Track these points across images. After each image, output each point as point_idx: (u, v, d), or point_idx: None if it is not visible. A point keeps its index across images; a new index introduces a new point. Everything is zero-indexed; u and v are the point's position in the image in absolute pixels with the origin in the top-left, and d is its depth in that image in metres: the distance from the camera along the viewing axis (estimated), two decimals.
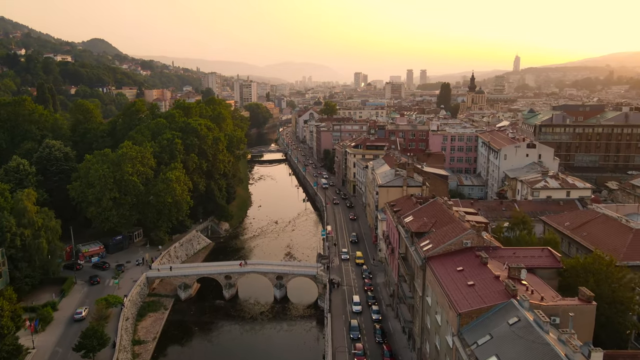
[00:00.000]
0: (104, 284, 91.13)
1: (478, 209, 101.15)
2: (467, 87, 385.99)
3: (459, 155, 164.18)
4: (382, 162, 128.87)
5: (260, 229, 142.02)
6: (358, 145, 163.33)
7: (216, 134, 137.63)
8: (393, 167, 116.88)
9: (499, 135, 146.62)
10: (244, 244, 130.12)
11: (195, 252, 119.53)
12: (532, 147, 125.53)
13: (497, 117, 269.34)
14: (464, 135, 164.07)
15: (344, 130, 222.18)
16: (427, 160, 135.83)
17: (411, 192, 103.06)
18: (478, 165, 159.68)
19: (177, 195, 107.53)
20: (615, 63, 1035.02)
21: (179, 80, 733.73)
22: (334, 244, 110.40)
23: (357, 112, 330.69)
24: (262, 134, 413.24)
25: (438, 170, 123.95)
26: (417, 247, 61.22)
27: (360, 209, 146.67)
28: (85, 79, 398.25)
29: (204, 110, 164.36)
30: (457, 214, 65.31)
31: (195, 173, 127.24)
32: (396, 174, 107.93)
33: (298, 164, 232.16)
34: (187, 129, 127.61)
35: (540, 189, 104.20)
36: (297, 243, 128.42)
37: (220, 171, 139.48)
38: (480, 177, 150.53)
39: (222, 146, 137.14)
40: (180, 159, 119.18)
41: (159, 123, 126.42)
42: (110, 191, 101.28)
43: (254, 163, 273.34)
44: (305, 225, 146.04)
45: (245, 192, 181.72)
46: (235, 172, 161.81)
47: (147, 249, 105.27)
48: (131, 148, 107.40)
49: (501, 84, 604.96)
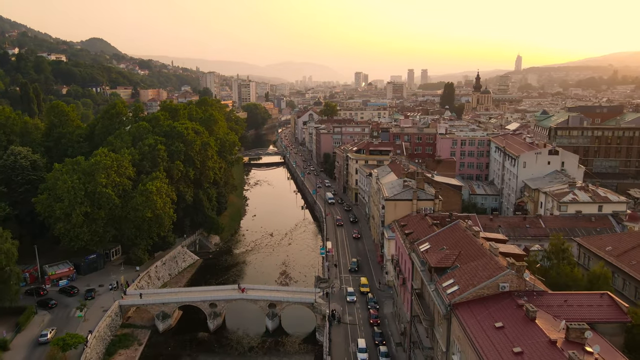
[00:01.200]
0: (68, 314, 78.95)
1: (498, 225, 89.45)
2: (472, 86, 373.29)
3: (469, 161, 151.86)
4: (387, 170, 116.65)
5: (254, 243, 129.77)
6: (360, 150, 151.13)
7: (205, 139, 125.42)
8: (400, 176, 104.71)
9: (515, 139, 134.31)
10: (235, 261, 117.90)
11: (180, 270, 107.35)
12: (554, 153, 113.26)
13: (505, 118, 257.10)
14: (475, 139, 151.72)
15: (345, 133, 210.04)
16: (437, 167, 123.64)
17: (421, 206, 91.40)
18: (490, 171, 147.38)
19: (158, 209, 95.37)
20: (618, 63, 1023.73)
21: (177, 80, 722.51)
22: (335, 264, 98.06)
23: (358, 113, 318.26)
24: (260, 135, 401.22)
25: (450, 180, 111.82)
26: (438, 288, 48.99)
27: (363, 220, 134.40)
28: (78, 78, 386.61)
29: (194, 112, 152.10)
30: (486, 243, 53.09)
31: (181, 182, 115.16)
32: (405, 185, 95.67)
33: (297, 168, 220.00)
34: (172, 134, 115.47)
35: (569, 202, 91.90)
36: (293, 260, 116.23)
37: (210, 179, 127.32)
38: (493, 186, 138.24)
39: (212, 152, 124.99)
40: (164, 167, 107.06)
41: (141, 127, 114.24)
42: (81, 205, 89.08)
43: (250, 166, 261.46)
44: (303, 238, 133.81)
45: (239, 200, 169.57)
46: (227, 179, 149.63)
47: (121, 271, 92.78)
48: (106, 156, 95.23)
49: (505, 83, 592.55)
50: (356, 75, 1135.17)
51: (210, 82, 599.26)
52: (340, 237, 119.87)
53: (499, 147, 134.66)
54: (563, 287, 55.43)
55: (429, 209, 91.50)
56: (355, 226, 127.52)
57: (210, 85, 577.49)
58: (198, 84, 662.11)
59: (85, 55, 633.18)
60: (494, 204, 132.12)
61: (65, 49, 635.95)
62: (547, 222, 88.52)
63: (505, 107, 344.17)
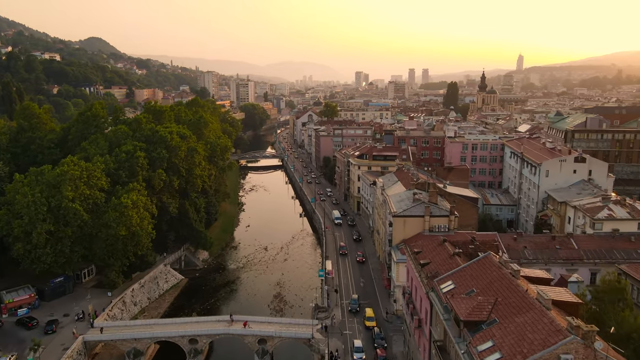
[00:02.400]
0: (22, 354, 67.11)
1: (524, 247, 77.63)
2: (478, 86, 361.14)
3: (481, 167, 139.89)
4: (394, 179, 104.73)
5: (246, 258, 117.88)
6: (363, 155, 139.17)
7: (193, 144, 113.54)
8: (409, 187, 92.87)
9: (533, 144, 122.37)
10: (224, 279, 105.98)
11: (161, 293, 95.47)
12: (581, 161, 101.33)
13: (513, 119, 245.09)
14: (487, 144, 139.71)
15: (346, 135, 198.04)
16: (448, 175, 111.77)
17: (435, 223, 79.66)
18: (504, 179, 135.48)
19: (134, 226, 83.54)
20: (620, 62, 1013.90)
21: (175, 80, 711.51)
22: (335, 289, 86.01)
23: (359, 114, 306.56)
24: (258, 136, 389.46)
25: (464, 190, 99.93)
26: (472, 352, 37.11)
27: (366, 234, 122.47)
28: (71, 78, 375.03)
29: (182, 113, 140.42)
30: (531, 288, 41.26)
31: (165, 192, 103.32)
32: (415, 199, 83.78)
33: (295, 172, 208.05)
34: (153, 139, 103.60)
35: (604, 219, 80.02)
36: (289, 279, 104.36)
37: (198, 188, 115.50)
38: (509, 194, 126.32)
39: (200, 158, 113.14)
40: (143, 176, 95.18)
41: (119, 131, 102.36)
42: (43, 223, 77.27)
43: (247, 170, 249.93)
44: (301, 253, 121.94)
45: (232, 208, 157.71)
46: (219, 186, 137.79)
47: (87, 300, 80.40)
48: (75, 165, 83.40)
49: (509, 83, 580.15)
50: (357, 75, 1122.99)
51: (208, 81, 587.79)
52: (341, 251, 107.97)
53: (515, 152, 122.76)
54: (624, 341, 43.76)
55: (443, 227, 79.97)
56: (359, 246, 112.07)
57: (208, 85, 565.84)
58: (197, 83, 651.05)
59: (82, 54, 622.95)
60: (510, 215, 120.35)
61: (61, 48, 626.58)
62: (580, 243, 76.57)
63: (512, 107, 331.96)
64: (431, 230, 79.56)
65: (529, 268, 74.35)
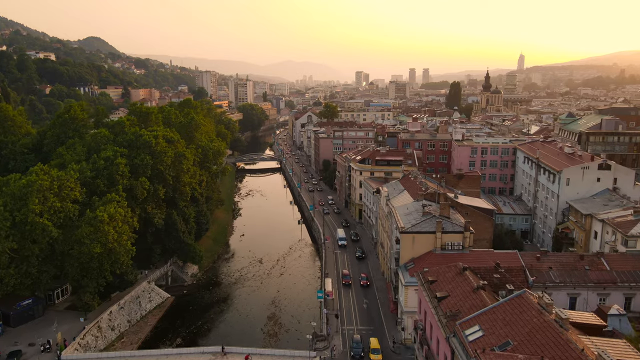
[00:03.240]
0: None
1: (549, 267, 68.76)
2: (482, 86, 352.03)
3: (491, 172, 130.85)
4: (400, 188, 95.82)
5: (239, 273, 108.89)
6: (365, 160, 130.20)
7: (181, 148, 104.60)
8: (417, 197, 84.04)
9: (549, 149, 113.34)
10: (214, 297, 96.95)
11: (143, 314, 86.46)
12: (605, 168, 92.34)
13: (520, 120, 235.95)
14: (498, 147, 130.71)
15: (347, 137, 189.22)
16: (459, 183, 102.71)
17: (447, 240, 70.91)
18: (516, 185, 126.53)
19: (110, 242, 74.64)
20: (622, 62, 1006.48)
21: (174, 80, 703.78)
22: (336, 314, 76.93)
23: (360, 115, 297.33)
24: (256, 137, 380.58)
25: (478, 202, 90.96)
26: None
27: (369, 245, 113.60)
28: (65, 77, 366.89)
29: (172, 115, 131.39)
30: (579, 339, 32.36)
31: (149, 202, 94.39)
32: (425, 212, 74.95)
33: (293, 176, 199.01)
34: (137, 144, 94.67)
35: (638, 236, 71.18)
36: (285, 297, 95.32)
37: (187, 196, 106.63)
38: (522, 202, 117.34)
39: (189, 164, 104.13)
40: (124, 185, 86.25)
41: (99, 136, 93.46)
42: (6, 240, 68.50)
43: (244, 173, 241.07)
44: (298, 266, 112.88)
45: (226, 216, 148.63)
46: (211, 193, 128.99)
47: (54, 330, 71.21)
48: (45, 174, 74.56)
49: (512, 82, 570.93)
50: (357, 75, 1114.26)
51: (207, 81, 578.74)
52: (342, 267, 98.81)
53: (530, 157, 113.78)
54: None
55: (456, 244, 71.16)
56: (363, 266, 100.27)
57: (206, 85, 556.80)
58: (196, 83, 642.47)
59: (80, 54, 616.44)
60: (525, 225, 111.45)
61: (58, 47, 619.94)
62: (612, 263, 67.75)
63: (517, 108, 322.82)
64: (443, 248, 70.94)
65: (556, 290, 66.51)
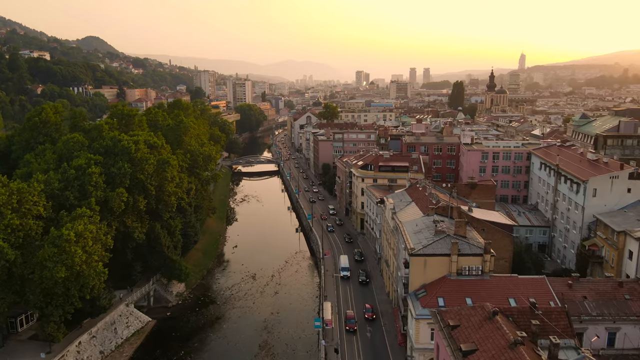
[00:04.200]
0: None
1: (583, 297, 59.36)
2: (487, 85, 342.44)
3: (503, 179, 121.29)
4: (406, 199, 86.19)
5: (230, 291, 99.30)
6: (367, 166, 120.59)
7: (166, 155, 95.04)
8: (427, 211, 74.52)
9: (568, 154, 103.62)
10: (201, 321, 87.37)
11: (119, 343, 76.99)
12: (636, 178, 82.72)
13: (528, 121, 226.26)
14: (511, 152, 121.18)
15: (347, 140, 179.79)
16: (472, 193, 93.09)
17: (464, 264, 61.43)
18: (531, 193, 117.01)
19: (77, 265, 65.16)
20: (624, 61, 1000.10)
21: (173, 79, 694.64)
22: (336, 349, 67.12)
23: (361, 115, 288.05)
24: (254, 138, 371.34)
25: (494, 215, 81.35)
26: None
27: (371, 260, 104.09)
28: (58, 77, 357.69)
29: (159, 117, 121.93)
30: None
31: (128, 215, 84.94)
32: (437, 231, 65.42)
33: (291, 180, 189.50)
34: (114, 150, 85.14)
35: None
36: (279, 320, 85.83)
37: (172, 207, 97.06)
38: (538, 212, 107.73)
39: (174, 172, 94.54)
40: (98, 197, 76.75)
41: (72, 141, 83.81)
42: None
43: (241, 176, 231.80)
44: (295, 282, 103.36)
45: (218, 224, 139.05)
46: (201, 201, 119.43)
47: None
48: (2, 187, 65.15)
49: (516, 82, 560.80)
50: (357, 74, 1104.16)
51: (205, 81, 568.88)
52: (343, 292, 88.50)
53: (547, 164, 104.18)
54: None
55: (475, 269, 61.65)
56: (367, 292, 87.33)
57: (204, 85, 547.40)
58: (194, 83, 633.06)
59: (77, 53, 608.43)
60: (542, 238, 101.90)
61: (55, 46, 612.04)
62: None
63: (523, 108, 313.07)
64: (460, 273, 61.41)
65: (593, 324, 57.14)
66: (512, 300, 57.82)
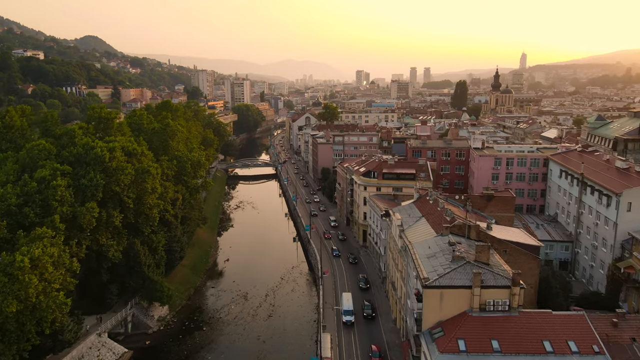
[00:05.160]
0: None
1: (631, 338, 49.76)
2: (491, 85, 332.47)
3: (517, 187, 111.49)
4: (416, 215, 76.41)
5: (219, 313, 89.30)
6: (370, 173, 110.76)
7: (147, 163, 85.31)
8: (440, 229, 64.79)
9: (593, 161, 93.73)
10: (183, 352, 77.34)
11: None
12: None
13: (537, 123, 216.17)
14: (526, 158, 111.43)
15: (348, 143, 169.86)
16: (488, 206, 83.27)
17: (488, 297, 51.84)
18: (549, 202, 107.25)
19: (32, 297, 55.51)
20: (625, 60, 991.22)
21: (171, 79, 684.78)
22: None
23: (362, 116, 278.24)
24: (252, 139, 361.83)
25: (518, 234, 71.56)
26: None
27: (373, 276, 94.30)
28: (50, 77, 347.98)
29: (144, 121, 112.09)
30: None
31: (103, 232, 75.29)
32: (455, 257, 55.68)
33: (289, 186, 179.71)
34: (86, 159, 75.39)
35: None
36: (273, 350, 76.00)
37: (154, 221, 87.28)
38: (558, 225, 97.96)
39: (155, 182, 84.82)
40: (64, 213, 67.07)
41: (36, 149, 73.92)
42: None
43: (237, 180, 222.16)
44: (290, 304, 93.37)
45: (210, 235, 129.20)
46: (189, 212, 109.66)
47: None
48: None
49: (519, 81, 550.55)
50: (357, 74, 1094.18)
51: (203, 80, 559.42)
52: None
53: (570, 172, 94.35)
54: None
55: (501, 303, 51.98)
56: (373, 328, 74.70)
57: (202, 85, 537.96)
58: (192, 83, 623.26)
59: (74, 52, 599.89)
60: (564, 255, 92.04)
61: (51, 45, 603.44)
62: None
63: (529, 108, 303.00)
64: (483, 309, 51.73)
65: None
66: (548, 344, 48.46)
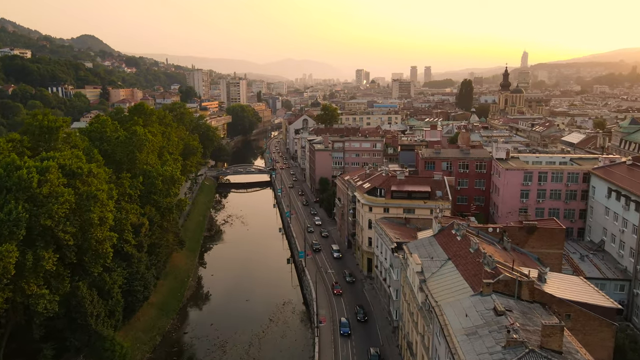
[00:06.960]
0: None
1: None
2: (500, 84, 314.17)
3: (552, 206, 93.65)
4: (440, 256, 58.08)
5: None
6: (376, 190, 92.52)
7: (96, 185, 67.36)
8: (482, 288, 46.60)
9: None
10: None
11: None
12: None
13: (555, 126, 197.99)
14: (563, 172, 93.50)
15: (349, 150, 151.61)
16: (529, 240, 65.04)
17: None
18: (591, 226, 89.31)
19: None
20: (629, 59, 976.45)
21: (167, 79, 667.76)
22: None
23: (363, 118, 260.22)
24: (248, 142, 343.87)
25: (583, 289, 53.37)
26: None
27: (383, 324, 76.41)
28: (35, 76, 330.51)
29: (108, 129, 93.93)
30: None
31: (30, 278, 57.41)
32: (510, 340, 37.65)
33: (283, 198, 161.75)
34: (6, 185, 57.44)
35: None
36: None
37: (107, 256, 69.21)
38: (607, 256, 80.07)
39: (105, 210, 66.85)
40: None
41: None
42: None
43: (228, 187, 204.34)
44: (280, 355, 75.42)
45: (189, 261, 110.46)
46: (160, 239, 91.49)
47: None
48: None
49: (525, 80, 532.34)
50: (357, 73, 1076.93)
51: (198, 80, 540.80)
52: None
53: (624, 192, 76.35)
54: None
55: None
56: None
57: (197, 84, 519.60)
58: (187, 82, 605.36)
59: (67, 52, 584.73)
60: (618, 296, 73.86)
61: (44, 45, 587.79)
62: None
63: (541, 109, 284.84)
64: None
65: None
66: None
